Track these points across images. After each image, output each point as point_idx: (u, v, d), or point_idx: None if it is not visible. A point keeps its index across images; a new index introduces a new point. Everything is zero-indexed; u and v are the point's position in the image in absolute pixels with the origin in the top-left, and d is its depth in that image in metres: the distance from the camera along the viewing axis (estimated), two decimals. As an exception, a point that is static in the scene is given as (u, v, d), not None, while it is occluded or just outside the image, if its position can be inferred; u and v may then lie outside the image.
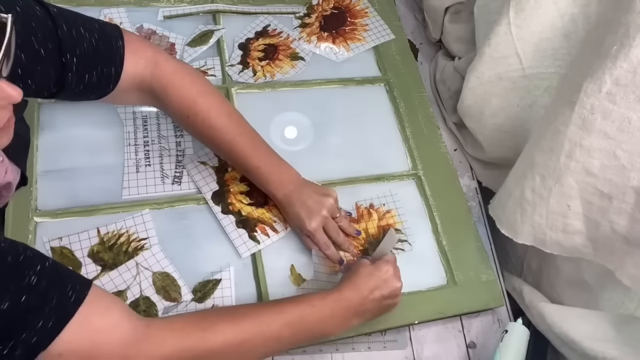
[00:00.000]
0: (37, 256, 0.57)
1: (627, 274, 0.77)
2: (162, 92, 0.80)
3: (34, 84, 0.66)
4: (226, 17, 1.17)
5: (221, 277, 0.87)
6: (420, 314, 0.89)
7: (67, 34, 0.67)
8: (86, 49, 0.69)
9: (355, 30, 1.22)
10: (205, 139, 0.88)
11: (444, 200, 1.02)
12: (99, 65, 0.72)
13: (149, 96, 0.81)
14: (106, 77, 0.74)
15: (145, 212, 0.89)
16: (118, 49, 0.74)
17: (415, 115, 1.11)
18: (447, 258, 0.96)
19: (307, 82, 1.11)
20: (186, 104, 0.82)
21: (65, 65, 0.68)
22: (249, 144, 0.87)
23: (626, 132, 0.70)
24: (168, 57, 0.82)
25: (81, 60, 0.69)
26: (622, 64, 0.67)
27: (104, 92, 0.76)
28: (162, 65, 0.79)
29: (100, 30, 0.72)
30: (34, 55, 0.64)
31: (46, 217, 0.86)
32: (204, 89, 0.85)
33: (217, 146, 0.88)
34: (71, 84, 0.70)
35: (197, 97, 0.82)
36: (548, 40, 0.87)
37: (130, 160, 0.94)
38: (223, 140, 0.85)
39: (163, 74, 0.79)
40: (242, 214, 0.92)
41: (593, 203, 0.76)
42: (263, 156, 0.88)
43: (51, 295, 0.55)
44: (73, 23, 0.69)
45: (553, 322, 0.85)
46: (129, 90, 0.78)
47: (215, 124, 0.84)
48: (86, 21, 0.72)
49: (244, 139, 0.87)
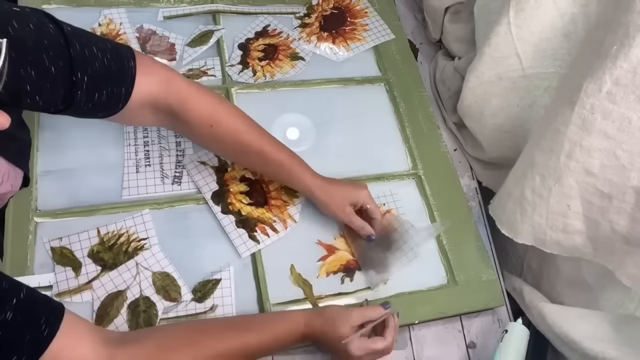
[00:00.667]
0: (12, 287, 0.58)
1: (627, 274, 0.77)
2: (182, 106, 0.79)
3: (41, 101, 0.66)
4: (226, 17, 1.17)
5: (221, 277, 0.87)
6: (421, 314, 0.90)
7: (79, 52, 0.67)
8: (98, 68, 0.69)
9: (355, 30, 1.22)
10: (231, 146, 0.86)
11: (444, 200, 1.02)
12: (109, 85, 0.72)
13: (166, 115, 0.80)
14: (116, 97, 0.73)
15: (145, 212, 0.89)
16: (130, 69, 0.74)
17: (415, 115, 1.11)
18: (448, 258, 0.96)
19: (307, 82, 1.11)
20: (208, 114, 0.81)
21: (75, 83, 0.68)
22: (274, 141, 0.88)
23: (626, 132, 0.70)
24: (180, 75, 0.82)
25: (92, 79, 0.69)
26: (622, 64, 0.67)
27: (113, 111, 0.75)
28: (177, 82, 0.79)
29: (113, 50, 0.72)
30: (44, 73, 0.64)
31: (46, 217, 0.86)
32: (219, 98, 0.85)
33: (244, 149, 0.86)
34: (80, 102, 0.70)
35: (217, 105, 0.83)
36: (548, 40, 0.87)
37: (130, 160, 0.94)
38: (249, 142, 0.85)
39: (179, 89, 0.79)
40: (242, 213, 0.93)
41: (593, 203, 0.76)
42: (289, 153, 0.89)
43: (25, 332, 0.57)
44: (86, 42, 0.69)
45: (553, 322, 0.85)
46: (141, 110, 0.78)
47: (240, 128, 0.84)
48: (99, 41, 0.72)
49: (268, 137, 0.88)
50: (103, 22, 1.08)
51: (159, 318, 0.81)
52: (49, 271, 0.82)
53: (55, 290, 0.80)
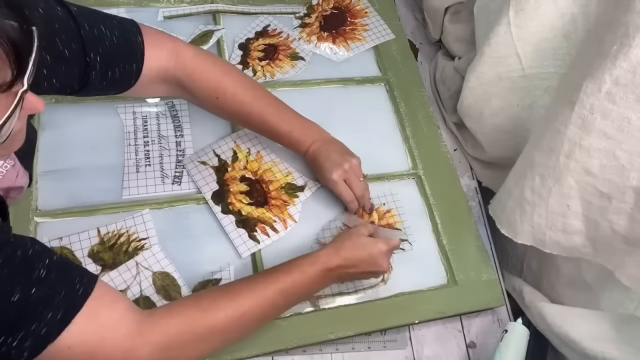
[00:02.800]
0: (45, 250, 0.58)
1: (627, 273, 0.77)
2: (189, 79, 0.82)
3: (58, 83, 0.67)
4: (226, 17, 1.17)
5: (221, 277, 0.87)
6: (421, 314, 0.89)
7: (89, 33, 0.68)
8: (108, 47, 0.71)
9: (355, 30, 1.22)
10: (236, 116, 0.90)
11: (445, 200, 1.02)
12: (120, 62, 0.73)
13: (175, 86, 0.83)
14: (128, 73, 0.75)
15: (145, 212, 0.89)
16: (138, 45, 0.75)
17: (415, 115, 1.11)
18: (448, 257, 0.96)
19: (307, 82, 1.12)
20: (213, 85, 0.84)
21: (89, 64, 0.69)
22: (277, 111, 0.91)
23: (626, 132, 0.70)
24: (186, 44, 0.84)
25: (104, 58, 0.70)
26: (622, 64, 0.67)
27: (126, 87, 0.78)
28: (183, 53, 0.82)
29: (120, 27, 0.74)
30: (58, 56, 0.65)
31: (46, 217, 0.86)
32: (226, 68, 0.89)
33: (248, 119, 0.91)
34: (94, 82, 0.72)
35: (222, 76, 0.86)
36: (548, 40, 0.87)
37: (130, 160, 0.94)
38: (253, 112, 0.89)
39: (185, 61, 0.81)
40: (242, 213, 0.93)
41: (592, 203, 0.76)
42: (292, 120, 0.93)
43: (60, 288, 0.57)
44: (94, 21, 0.70)
45: (553, 322, 0.85)
46: (152, 83, 0.80)
47: (244, 99, 0.87)
48: (105, 18, 0.73)
49: (272, 107, 0.91)
50: (103, 22, 1.08)
51: (159, 318, 0.81)
52: (49, 271, 0.82)
53: (56, 290, 0.80)
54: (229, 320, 0.70)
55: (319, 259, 0.80)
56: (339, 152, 0.93)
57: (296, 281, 0.77)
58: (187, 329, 0.67)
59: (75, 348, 0.58)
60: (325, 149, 0.93)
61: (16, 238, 0.56)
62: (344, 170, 0.92)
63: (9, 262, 0.53)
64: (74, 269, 0.60)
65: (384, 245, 0.84)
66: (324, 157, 0.92)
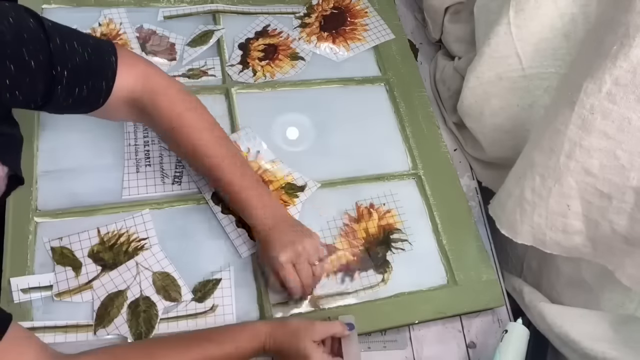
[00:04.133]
0: None
1: (627, 274, 0.77)
2: (151, 104, 0.79)
3: (21, 95, 0.66)
4: (226, 17, 1.17)
5: (221, 277, 0.87)
6: (421, 314, 0.89)
7: (59, 46, 0.67)
8: (78, 62, 0.69)
9: (355, 30, 1.22)
10: (188, 155, 0.85)
11: (444, 200, 1.02)
12: (90, 80, 0.71)
13: (137, 110, 0.80)
14: (97, 91, 0.73)
15: (145, 212, 0.89)
16: (110, 64, 0.73)
17: (415, 115, 1.11)
18: (448, 258, 0.96)
19: (307, 82, 1.11)
20: (173, 115, 0.80)
21: (55, 78, 0.67)
22: (233, 168, 0.84)
23: (626, 132, 0.70)
24: (161, 72, 0.81)
25: (72, 73, 0.68)
26: (622, 64, 0.67)
27: (93, 106, 0.75)
28: (153, 79, 0.79)
29: (94, 45, 0.72)
30: (23, 67, 0.63)
31: (46, 217, 0.86)
32: (193, 105, 0.83)
33: (199, 163, 0.84)
34: (59, 97, 0.70)
35: (185, 111, 0.81)
36: (548, 41, 0.87)
37: (130, 160, 0.94)
38: (205, 157, 0.82)
39: (153, 86, 0.79)
40: (242, 214, 0.92)
41: (593, 203, 0.76)
42: (248, 184, 0.84)
43: None
44: (67, 36, 0.68)
45: (553, 322, 0.85)
46: (122, 106, 0.78)
47: (199, 139, 0.82)
48: (80, 36, 0.71)
49: (230, 161, 0.84)
50: (103, 22, 1.08)
51: (159, 318, 0.81)
52: (49, 271, 0.82)
53: (56, 290, 0.80)
54: None
55: (258, 337, 0.75)
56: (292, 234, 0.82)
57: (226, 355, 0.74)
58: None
59: None
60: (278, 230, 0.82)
61: None
62: (296, 253, 0.81)
63: None
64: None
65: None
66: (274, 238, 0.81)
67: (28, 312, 0.79)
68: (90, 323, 0.79)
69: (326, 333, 0.78)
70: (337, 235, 0.95)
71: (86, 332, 0.79)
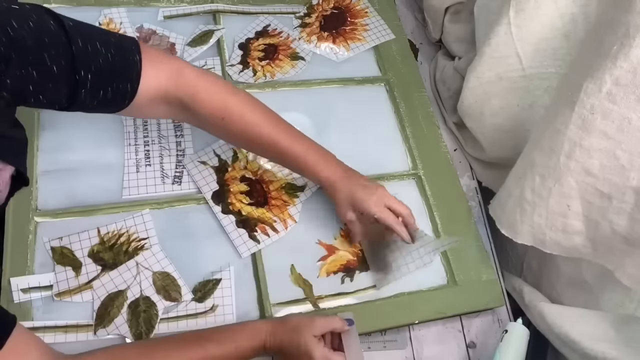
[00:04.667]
0: None
1: (627, 274, 0.77)
2: (191, 99, 0.78)
3: (45, 99, 0.66)
4: (226, 17, 1.17)
5: (221, 277, 0.87)
6: (421, 314, 0.90)
7: (81, 49, 0.65)
8: (101, 64, 0.68)
9: (356, 30, 1.22)
10: (244, 138, 0.84)
11: (444, 200, 1.02)
12: (114, 82, 0.70)
13: (176, 107, 0.79)
14: (121, 93, 0.72)
15: (145, 212, 0.89)
16: (135, 64, 0.72)
17: (415, 115, 1.11)
18: (448, 258, 0.96)
19: (307, 81, 1.12)
20: (218, 105, 0.80)
21: (79, 81, 0.66)
22: (290, 133, 0.86)
23: (626, 132, 0.70)
24: (188, 64, 0.80)
25: (96, 76, 0.67)
26: (622, 64, 0.67)
27: (119, 107, 0.74)
28: (186, 73, 0.77)
29: (117, 44, 0.70)
30: (45, 72, 0.63)
31: (46, 217, 0.86)
32: (232, 88, 0.83)
33: (258, 141, 0.84)
34: (84, 100, 0.69)
35: (228, 96, 0.81)
36: (548, 40, 0.87)
37: (130, 160, 0.94)
38: (263, 133, 0.83)
39: (188, 81, 0.77)
40: (242, 213, 0.93)
41: (593, 203, 0.76)
42: (307, 143, 0.87)
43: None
44: (89, 37, 0.67)
45: (553, 322, 0.85)
46: (151, 104, 0.77)
47: (252, 120, 0.82)
48: (103, 34, 0.70)
49: (283, 128, 0.85)
50: (103, 21, 1.08)
51: (159, 318, 0.81)
52: (49, 271, 0.82)
53: (56, 290, 0.80)
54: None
55: (258, 336, 0.76)
56: (365, 180, 0.88)
57: (226, 355, 0.74)
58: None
59: None
60: (351, 177, 0.87)
61: None
62: (379, 195, 0.86)
63: None
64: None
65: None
66: (352, 186, 0.86)
67: (28, 312, 0.79)
68: (90, 323, 0.79)
69: (326, 328, 0.78)
70: (337, 236, 0.95)
71: (86, 332, 0.79)
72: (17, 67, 0.60)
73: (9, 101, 0.62)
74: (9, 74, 0.60)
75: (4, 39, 0.59)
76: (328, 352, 0.76)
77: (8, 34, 0.59)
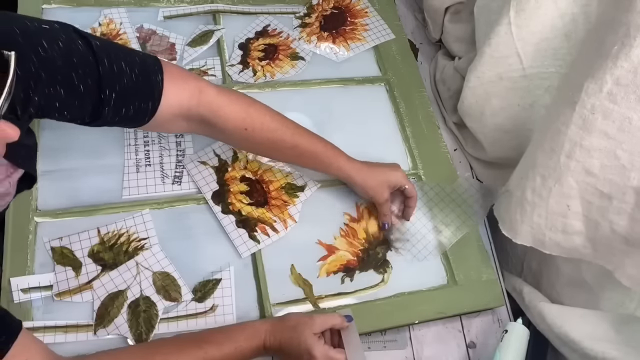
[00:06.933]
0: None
1: (627, 274, 0.77)
2: (214, 115, 0.80)
3: (69, 115, 0.67)
4: (226, 17, 1.17)
5: (221, 277, 0.87)
6: (421, 314, 0.90)
7: (108, 69, 0.67)
8: (126, 84, 0.70)
9: (356, 30, 1.22)
10: (267, 145, 0.87)
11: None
12: (136, 100, 0.72)
13: (197, 123, 0.81)
14: (143, 111, 0.74)
15: (145, 212, 0.89)
16: (157, 84, 0.74)
17: (415, 115, 1.11)
18: (448, 258, 0.96)
19: (308, 81, 1.12)
20: (241, 117, 0.82)
21: (103, 100, 0.68)
22: (306, 134, 0.90)
23: (626, 132, 0.70)
24: (208, 82, 0.82)
25: (120, 95, 0.69)
26: (623, 64, 0.67)
27: (139, 124, 0.76)
28: (207, 91, 0.80)
29: (141, 64, 0.72)
30: (72, 91, 0.65)
31: (46, 217, 0.86)
32: (250, 100, 0.86)
33: (280, 147, 0.87)
34: (107, 117, 0.71)
35: (248, 107, 0.84)
36: (548, 40, 0.87)
37: (130, 160, 0.94)
38: (285, 138, 0.87)
39: (210, 98, 0.79)
40: (242, 213, 0.93)
41: (593, 203, 0.76)
42: (323, 140, 0.91)
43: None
44: (115, 57, 0.69)
45: (553, 322, 0.86)
46: (172, 120, 0.79)
47: (273, 127, 0.85)
48: (127, 55, 0.72)
49: (300, 130, 0.89)
50: (103, 22, 1.08)
51: (159, 318, 0.81)
52: (49, 271, 0.82)
53: (56, 290, 0.80)
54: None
55: (257, 336, 0.77)
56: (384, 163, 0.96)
57: (226, 356, 0.74)
58: None
59: None
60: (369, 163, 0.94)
61: None
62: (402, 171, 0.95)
63: None
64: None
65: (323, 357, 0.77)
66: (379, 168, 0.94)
67: (28, 312, 0.79)
68: (90, 323, 0.79)
69: (325, 325, 0.79)
70: (337, 236, 0.95)
71: (86, 331, 0.79)
72: (46, 86, 0.62)
73: (31, 115, 0.64)
74: (38, 91, 0.62)
75: (35, 59, 0.61)
76: (328, 350, 0.76)
77: (39, 54, 0.61)
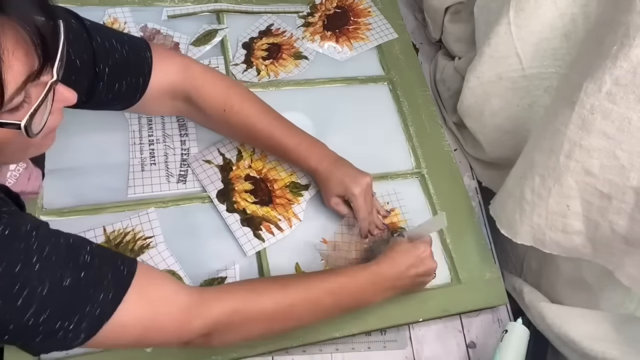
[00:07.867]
0: (83, 239, 0.60)
1: (626, 274, 0.77)
2: (196, 92, 0.83)
3: None
4: (230, 16, 1.17)
5: (226, 275, 0.87)
6: (425, 312, 0.90)
7: (100, 45, 0.71)
8: (117, 59, 0.73)
9: (359, 29, 1.22)
10: (242, 131, 0.89)
11: (448, 199, 1.02)
12: (128, 75, 0.75)
13: (182, 102, 0.84)
14: (134, 86, 0.77)
15: (150, 210, 0.90)
16: (146, 59, 0.77)
17: (418, 114, 1.11)
18: (451, 256, 0.96)
19: (311, 81, 1.12)
20: (221, 98, 0.85)
21: (98, 75, 0.71)
22: (284, 126, 0.90)
23: (626, 132, 0.70)
24: (194, 60, 0.86)
25: (113, 70, 0.73)
26: (622, 64, 0.67)
27: (130, 101, 0.79)
28: (193, 68, 0.83)
29: (130, 42, 0.76)
30: (69, 66, 0.66)
31: (52, 216, 0.87)
32: (232, 82, 0.90)
33: (254, 133, 0.89)
34: (101, 93, 0.74)
35: (229, 89, 0.86)
36: (548, 40, 0.87)
37: (135, 159, 0.95)
38: (260, 125, 0.88)
39: (194, 74, 0.83)
40: (247, 212, 0.93)
41: (592, 203, 0.76)
42: (300, 135, 0.91)
43: (105, 270, 0.59)
44: (105, 35, 0.72)
45: (553, 322, 0.86)
46: (160, 98, 0.81)
47: (251, 112, 0.87)
48: (116, 34, 0.76)
49: (279, 122, 0.90)
50: (107, 21, 1.09)
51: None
52: (55, 269, 0.82)
53: (62, 288, 0.81)
54: (278, 308, 0.72)
55: (370, 266, 0.81)
56: (355, 170, 0.92)
57: (345, 284, 0.78)
58: (238, 309, 0.68)
59: (128, 325, 0.60)
60: (341, 165, 0.92)
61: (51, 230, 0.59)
62: (366, 185, 0.90)
63: (56, 250, 0.55)
64: (113, 253, 0.62)
65: (424, 245, 0.85)
66: (342, 172, 0.91)
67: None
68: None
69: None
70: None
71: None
72: None
73: None
74: None
75: None
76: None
77: None
